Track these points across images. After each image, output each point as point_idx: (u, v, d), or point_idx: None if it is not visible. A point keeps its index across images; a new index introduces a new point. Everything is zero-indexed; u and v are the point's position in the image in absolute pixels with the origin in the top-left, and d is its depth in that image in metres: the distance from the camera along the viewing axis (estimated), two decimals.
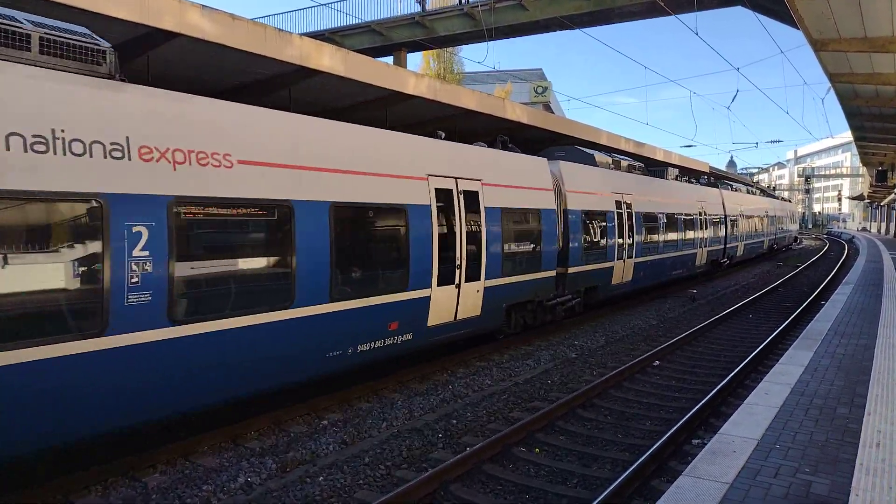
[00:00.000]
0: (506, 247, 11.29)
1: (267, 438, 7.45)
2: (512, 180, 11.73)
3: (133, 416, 6.02)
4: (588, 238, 14.54)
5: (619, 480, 5.86)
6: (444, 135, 10.87)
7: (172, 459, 6.74)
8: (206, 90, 9.83)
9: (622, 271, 16.28)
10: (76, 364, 5.37)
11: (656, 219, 18.56)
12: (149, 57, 9.96)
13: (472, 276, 10.45)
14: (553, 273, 13.03)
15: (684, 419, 7.62)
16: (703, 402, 8.31)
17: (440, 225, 9.78)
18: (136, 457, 6.56)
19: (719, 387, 9.01)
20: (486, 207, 10.76)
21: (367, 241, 9.02)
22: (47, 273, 5.39)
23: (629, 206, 16.64)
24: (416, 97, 13.36)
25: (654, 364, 11.08)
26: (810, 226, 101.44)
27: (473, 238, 10.55)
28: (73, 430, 5.59)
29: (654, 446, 6.73)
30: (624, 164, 18.07)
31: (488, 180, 10.99)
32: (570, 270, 13.81)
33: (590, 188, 14.96)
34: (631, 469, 6.13)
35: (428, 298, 9.52)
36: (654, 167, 22.44)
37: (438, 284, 9.69)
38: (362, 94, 12.91)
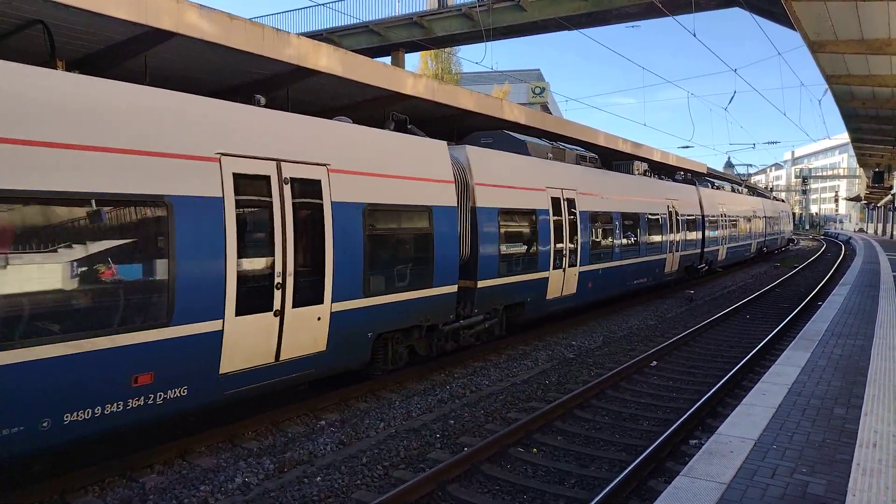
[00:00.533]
0: (372, 256, 8.56)
1: (264, 439, 7.45)
2: (384, 167, 8.98)
3: None
4: (507, 243, 11.76)
5: (616, 481, 5.87)
6: (263, 100, 8.02)
7: (170, 459, 6.73)
8: (203, 90, 9.81)
9: (561, 283, 13.42)
10: None
11: (611, 219, 15.77)
12: (146, 57, 9.95)
13: (308, 298, 7.66)
14: (453, 289, 10.19)
15: (681, 420, 7.64)
16: (701, 402, 8.33)
17: (240, 226, 6.89)
18: (133, 457, 6.54)
19: (716, 387, 9.03)
20: (334, 202, 7.98)
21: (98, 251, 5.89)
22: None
23: (572, 203, 13.93)
24: (415, 97, 13.36)
25: (652, 364, 11.09)
26: (807, 227, 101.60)
27: (311, 244, 7.77)
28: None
29: (652, 447, 6.74)
30: (571, 154, 15.43)
31: (341, 166, 8.19)
32: (480, 284, 10.96)
33: (511, 181, 12.03)
34: (628, 469, 6.14)
35: (220, 334, 6.65)
36: (620, 160, 20.81)
37: (239, 313, 6.81)
38: (360, 94, 12.94)
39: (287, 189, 7.40)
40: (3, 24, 8.65)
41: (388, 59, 26.80)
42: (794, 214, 70.27)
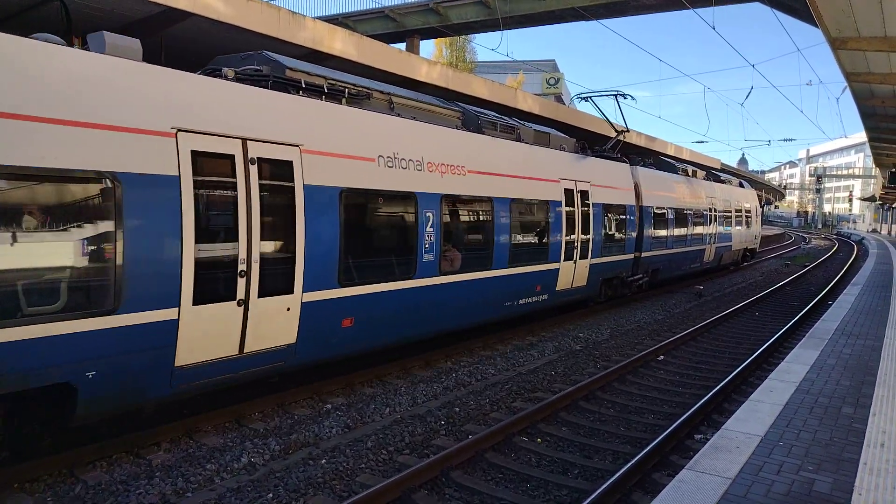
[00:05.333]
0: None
1: (271, 420, 7.50)
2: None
3: None
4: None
5: (620, 472, 5.87)
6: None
7: (177, 438, 6.80)
8: None
9: (272, 325, 7.92)
10: None
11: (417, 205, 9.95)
12: (162, 37, 9.97)
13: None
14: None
15: (687, 414, 7.62)
16: (707, 397, 8.30)
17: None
18: (140, 434, 6.61)
19: (723, 383, 8.99)
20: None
21: None
22: None
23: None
24: (428, 84, 13.32)
25: (659, 358, 11.07)
26: (820, 226, 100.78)
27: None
28: None
29: (657, 440, 6.73)
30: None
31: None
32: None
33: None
34: (633, 462, 6.13)
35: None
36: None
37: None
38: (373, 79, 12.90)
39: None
40: (15, 4, 8.68)
41: (402, 46, 26.68)
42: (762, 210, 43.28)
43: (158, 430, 6.77)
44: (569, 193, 13.21)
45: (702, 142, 63.02)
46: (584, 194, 13.87)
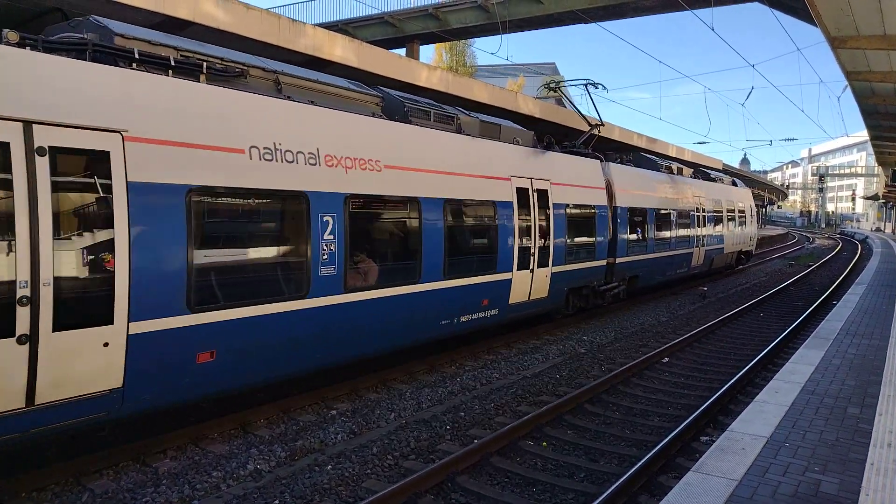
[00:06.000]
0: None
1: (276, 426, 7.51)
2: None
3: None
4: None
5: (626, 476, 5.86)
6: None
7: (182, 445, 6.81)
8: None
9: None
10: None
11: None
12: None
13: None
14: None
15: (693, 416, 7.61)
16: (713, 399, 8.28)
17: None
18: (146, 442, 6.62)
19: (729, 384, 8.97)
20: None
21: None
22: None
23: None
24: (429, 89, 13.34)
25: (664, 360, 11.05)
26: (823, 225, 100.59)
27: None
28: None
29: (662, 442, 6.72)
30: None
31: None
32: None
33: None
34: (639, 465, 6.12)
35: None
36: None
37: None
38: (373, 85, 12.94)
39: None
40: (23, 12, 8.74)
41: (402, 51, 26.76)
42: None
43: (164, 437, 6.78)
44: (522, 193, 11.53)
45: (703, 143, 63.13)
46: (543, 194, 12.17)
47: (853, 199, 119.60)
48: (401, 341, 9.25)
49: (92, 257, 5.68)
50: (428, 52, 41.61)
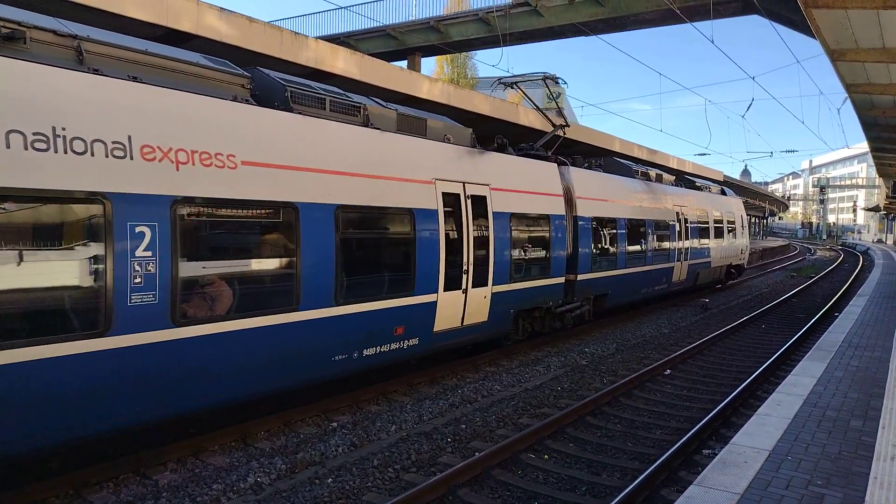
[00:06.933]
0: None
1: (276, 439, 7.49)
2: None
3: None
4: None
5: (628, 489, 5.83)
6: None
7: (183, 457, 6.79)
8: None
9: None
10: None
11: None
12: None
13: None
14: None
15: (695, 429, 7.58)
16: (715, 412, 8.26)
17: None
18: (147, 454, 6.60)
19: (731, 397, 8.94)
20: None
21: None
22: None
23: None
24: (430, 101, 13.40)
25: (666, 372, 11.02)
26: (825, 237, 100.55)
27: None
28: None
29: (665, 455, 6.69)
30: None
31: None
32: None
33: None
34: (641, 478, 6.10)
35: None
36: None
37: None
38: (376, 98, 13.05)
39: None
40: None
41: (404, 63, 26.92)
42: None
43: (165, 449, 6.76)
44: (452, 199, 9.86)
45: (704, 154, 63.30)
46: (480, 201, 10.48)
47: (854, 211, 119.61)
48: (269, 385, 7.31)
49: None
50: (429, 64, 41.88)
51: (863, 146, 37.77)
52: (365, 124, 8.76)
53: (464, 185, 10.15)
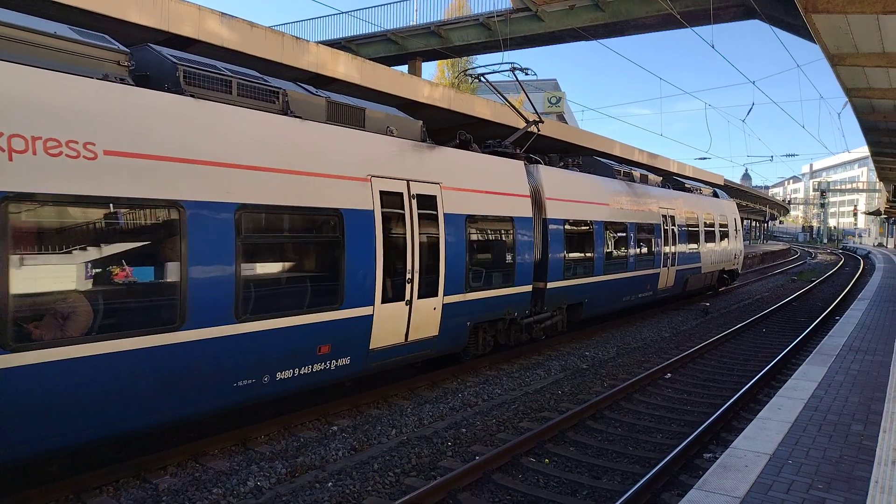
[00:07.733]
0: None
1: (277, 443, 7.48)
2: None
3: None
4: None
5: (629, 493, 5.82)
6: None
7: (183, 461, 6.78)
8: None
9: None
10: None
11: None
12: None
13: None
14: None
15: (696, 433, 7.56)
16: (715, 416, 8.24)
17: None
18: (146, 458, 6.60)
19: (732, 401, 8.93)
20: None
21: None
22: None
23: None
24: (431, 106, 13.41)
25: (666, 376, 11.01)
26: (825, 241, 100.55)
27: None
28: None
29: (665, 459, 6.68)
30: None
31: None
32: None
33: None
34: (641, 482, 6.08)
35: None
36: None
37: None
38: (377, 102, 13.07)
39: None
40: None
41: (405, 68, 26.97)
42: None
43: (165, 453, 6.76)
44: (393, 199, 8.76)
45: (705, 158, 63.51)
46: (429, 201, 9.39)
47: (855, 215, 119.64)
48: (144, 421, 6.12)
49: None
50: (430, 69, 41.92)
51: (863, 150, 37.79)
52: (284, 112, 7.69)
53: (408, 184, 9.02)
